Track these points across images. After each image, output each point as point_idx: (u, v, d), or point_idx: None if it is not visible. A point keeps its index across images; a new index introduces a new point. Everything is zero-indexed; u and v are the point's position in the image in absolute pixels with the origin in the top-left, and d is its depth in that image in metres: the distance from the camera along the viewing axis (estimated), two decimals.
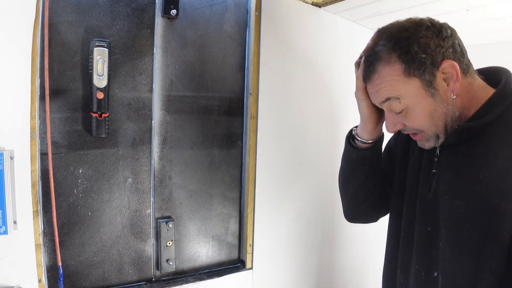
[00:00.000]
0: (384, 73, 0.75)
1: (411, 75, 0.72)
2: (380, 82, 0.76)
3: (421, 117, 0.76)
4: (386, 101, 0.77)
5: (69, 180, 1.11)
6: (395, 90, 0.74)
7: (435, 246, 0.80)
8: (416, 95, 0.74)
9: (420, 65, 0.71)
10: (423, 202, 0.85)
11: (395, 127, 0.81)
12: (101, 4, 1.12)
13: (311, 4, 1.50)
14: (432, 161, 0.84)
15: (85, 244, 1.14)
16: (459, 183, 0.76)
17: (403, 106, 0.75)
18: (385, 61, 0.74)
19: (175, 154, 1.29)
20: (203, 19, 1.30)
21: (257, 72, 1.39)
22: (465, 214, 0.73)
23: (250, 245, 1.44)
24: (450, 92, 0.74)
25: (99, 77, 1.08)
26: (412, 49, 0.71)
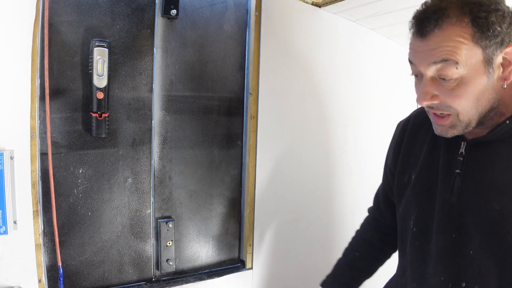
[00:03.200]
0: (450, 31, 0.65)
1: (478, 44, 0.65)
2: (442, 40, 0.65)
3: (470, 94, 0.67)
4: (440, 63, 0.66)
5: (69, 180, 1.11)
6: (457, 53, 0.65)
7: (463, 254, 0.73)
8: (474, 68, 0.66)
9: (491, 37, 0.64)
10: (445, 206, 0.77)
11: (431, 98, 0.70)
12: (101, 4, 1.12)
13: (311, 4, 1.50)
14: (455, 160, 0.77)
15: (85, 244, 1.14)
16: (497, 185, 0.69)
17: (457, 74, 0.66)
18: (455, 18, 0.64)
19: (175, 154, 1.29)
20: (203, 19, 1.30)
21: (257, 72, 1.39)
22: (508, 220, 0.67)
23: (250, 245, 1.44)
24: (503, 80, 0.68)
25: (99, 77, 1.08)
26: (489, 18, 0.63)
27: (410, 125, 0.93)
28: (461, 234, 0.74)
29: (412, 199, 0.86)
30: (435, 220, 0.79)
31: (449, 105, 0.69)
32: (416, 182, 0.86)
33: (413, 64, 0.71)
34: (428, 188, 0.82)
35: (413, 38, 0.70)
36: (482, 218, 0.71)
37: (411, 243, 0.85)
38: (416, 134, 0.91)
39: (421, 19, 0.68)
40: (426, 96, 0.70)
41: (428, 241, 0.80)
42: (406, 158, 0.91)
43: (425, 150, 0.85)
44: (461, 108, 0.69)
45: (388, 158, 0.99)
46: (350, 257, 1.06)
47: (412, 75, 0.74)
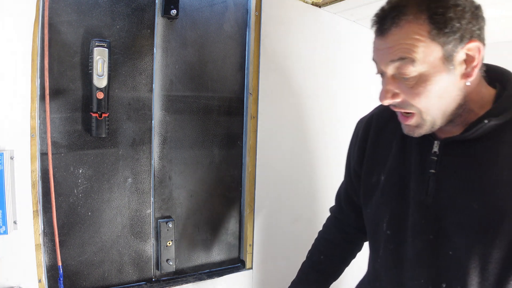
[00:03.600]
0: (407, 29, 0.64)
1: (436, 41, 0.63)
2: (399, 38, 0.65)
3: (429, 92, 0.66)
4: (397, 61, 0.66)
5: (69, 180, 1.11)
6: (414, 51, 0.64)
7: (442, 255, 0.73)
8: (433, 66, 0.65)
9: (449, 33, 0.63)
10: (421, 207, 0.75)
11: (392, 97, 0.69)
12: (101, 4, 1.12)
13: (311, 4, 1.50)
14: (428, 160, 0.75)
15: (85, 244, 1.14)
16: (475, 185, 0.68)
17: (415, 72, 0.65)
18: (412, 16, 0.64)
19: (175, 154, 1.29)
20: (203, 19, 1.30)
21: (257, 72, 1.39)
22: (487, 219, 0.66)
23: (250, 245, 1.44)
24: (466, 76, 0.67)
25: (99, 77, 1.08)
26: (447, 14, 0.62)
27: (374, 122, 0.90)
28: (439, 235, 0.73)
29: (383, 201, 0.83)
30: (410, 222, 0.77)
31: (411, 103, 0.68)
32: (386, 184, 0.83)
33: (375, 61, 0.72)
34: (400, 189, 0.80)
35: (375, 37, 0.70)
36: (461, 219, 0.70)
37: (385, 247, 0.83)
38: (382, 132, 0.88)
39: (380, 18, 0.68)
40: (387, 94, 0.69)
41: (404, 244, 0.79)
42: (373, 158, 0.88)
43: (394, 150, 0.83)
44: (423, 106, 0.68)
45: (352, 158, 0.96)
46: (315, 260, 1.04)
47: (377, 74, 0.73)
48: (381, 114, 0.90)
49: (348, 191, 1.00)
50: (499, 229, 0.66)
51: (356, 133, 0.97)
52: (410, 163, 0.79)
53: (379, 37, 0.68)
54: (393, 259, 0.81)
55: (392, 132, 0.85)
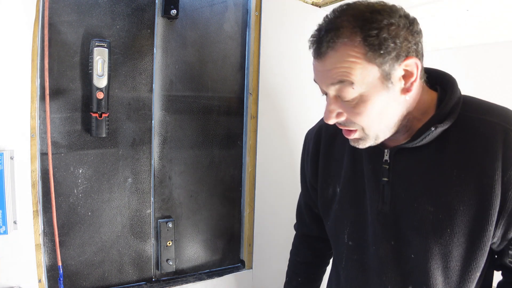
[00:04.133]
0: (343, 51, 0.64)
1: (372, 62, 0.64)
2: (336, 61, 0.65)
3: (370, 111, 0.68)
4: (337, 84, 0.66)
5: (69, 180, 1.11)
6: (352, 73, 0.64)
7: (404, 259, 0.75)
8: (372, 86, 0.66)
9: (384, 54, 0.63)
10: (379, 216, 0.77)
11: (336, 116, 0.71)
12: (101, 4, 1.12)
13: (311, 4, 1.50)
14: (380, 168, 0.77)
15: (85, 244, 1.14)
16: (428, 188, 0.71)
17: (355, 94, 0.66)
18: (347, 38, 0.63)
19: (175, 154, 1.29)
20: (203, 19, 1.30)
21: (257, 72, 1.39)
22: (443, 219, 0.69)
23: (250, 245, 1.44)
24: (405, 91, 0.68)
25: (99, 77, 1.08)
26: (381, 35, 0.62)
27: (323, 135, 0.91)
28: (399, 241, 0.75)
29: (342, 213, 0.85)
30: (370, 231, 0.79)
31: (353, 121, 0.70)
32: (342, 195, 0.84)
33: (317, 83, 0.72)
34: (357, 199, 0.81)
35: (313, 59, 0.70)
36: (418, 222, 0.72)
37: (348, 257, 0.84)
38: (332, 144, 0.89)
39: (317, 40, 0.68)
40: (331, 114, 0.70)
41: (366, 253, 0.80)
42: (326, 170, 0.89)
43: (346, 161, 0.84)
44: (365, 124, 0.69)
45: (306, 172, 0.97)
46: (294, 284, 1.06)
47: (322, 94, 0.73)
48: (329, 126, 0.90)
49: (308, 204, 1.02)
50: (454, 228, 0.69)
51: (306, 147, 0.98)
52: (362, 173, 0.81)
53: (317, 59, 0.68)
54: (358, 269, 0.82)
55: (343, 143, 0.86)
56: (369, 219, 0.79)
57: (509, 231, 0.70)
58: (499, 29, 1.54)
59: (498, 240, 0.71)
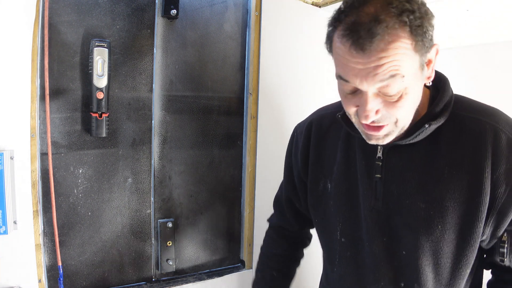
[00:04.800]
0: (394, 44, 0.58)
1: (417, 52, 0.61)
2: (387, 55, 0.59)
3: (410, 103, 0.65)
4: (387, 80, 0.61)
5: (69, 180, 1.11)
6: (403, 66, 0.60)
7: (396, 255, 0.75)
8: (414, 76, 0.63)
9: (426, 43, 0.61)
10: (373, 213, 0.76)
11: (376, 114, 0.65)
12: (101, 4, 1.12)
13: (311, 4, 1.50)
14: (373, 165, 0.76)
15: (85, 244, 1.14)
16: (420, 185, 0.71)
17: (403, 87, 0.62)
18: (396, 29, 0.58)
19: (175, 154, 1.29)
20: (203, 19, 1.30)
21: (257, 72, 1.39)
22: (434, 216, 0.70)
23: (250, 245, 1.44)
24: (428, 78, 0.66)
25: (99, 77, 1.08)
26: (424, 24, 0.60)
27: (314, 129, 0.89)
28: (392, 237, 0.75)
29: (335, 210, 0.83)
30: (364, 227, 0.78)
31: (390, 114, 0.65)
32: (335, 191, 0.83)
33: (349, 82, 0.64)
34: (350, 196, 0.81)
35: (347, 52, 0.61)
36: (410, 219, 0.72)
37: (341, 254, 0.84)
38: (323, 139, 0.87)
39: (356, 30, 0.59)
40: (372, 113, 0.64)
41: (360, 249, 0.80)
42: (317, 166, 0.88)
43: (339, 157, 0.83)
44: (402, 116, 0.66)
45: (295, 166, 0.95)
46: (268, 279, 1.02)
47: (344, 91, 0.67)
48: (321, 120, 0.89)
49: (290, 198, 1.00)
50: (445, 224, 0.69)
51: (295, 141, 0.96)
52: (356, 169, 0.80)
53: (360, 53, 0.60)
54: (351, 266, 0.82)
55: (335, 139, 0.85)
56: (362, 215, 0.79)
57: (498, 229, 0.70)
58: (499, 29, 1.54)
59: (487, 238, 0.72)
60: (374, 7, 0.59)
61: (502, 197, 0.67)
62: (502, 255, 0.71)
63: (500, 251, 0.71)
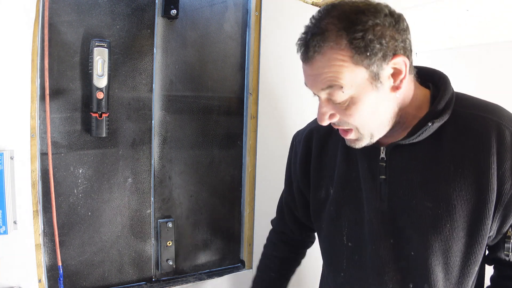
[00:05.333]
0: (330, 56, 0.63)
1: (359, 64, 0.63)
2: (324, 66, 0.65)
3: (362, 112, 0.68)
4: (327, 89, 0.67)
5: (69, 180, 1.11)
6: (340, 77, 0.64)
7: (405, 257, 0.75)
8: (361, 87, 0.65)
9: (371, 55, 0.63)
10: (378, 214, 0.76)
11: (329, 117, 0.71)
12: (101, 4, 1.12)
13: (311, 4, 1.50)
14: (377, 166, 0.76)
15: (85, 244, 1.14)
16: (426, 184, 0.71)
17: (345, 96, 0.66)
18: (333, 42, 0.63)
19: (175, 154, 1.29)
20: (203, 19, 1.30)
21: (257, 72, 1.39)
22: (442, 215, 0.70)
23: (250, 245, 1.44)
24: (395, 89, 0.69)
25: (99, 77, 1.08)
26: (366, 36, 0.62)
27: (315, 136, 0.90)
28: (399, 238, 0.75)
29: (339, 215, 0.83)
30: (369, 230, 0.78)
31: (346, 121, 0.70)
32: (337, 196, 0.83)
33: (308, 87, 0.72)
34: (353, 200, 0.81)
35: (302, 63, 0.71)
36: (417, 219, 0.72)
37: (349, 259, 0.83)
38: (324, 146, 0.88)
39: (303, 44, 0.68)
40: (324, 116, 0.71)
41: (366, 253, 0.79)
42: (319, 173, 0.89)
43: (339, 162, 0.83)
44: (358, 124, 0.70)
45: (294, 174, 0.96)
46: (266, 279, 1.06)
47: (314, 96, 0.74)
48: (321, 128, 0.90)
49: (289, 205, 1.02)
50: (454, 223, 0.69)
51: (295, 148, 0.97)
52: (357, 172, 0.80)
53: (305, 63, 0.69)
54: (359, 269, 0.82)
55: (335, 144, 0.86)
56: (367, 218, 0.78)
57: (504, 225, 0.71)
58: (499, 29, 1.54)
59: (493, 234, 0.72)
60: (325, 20, 0.64)
61: (508, 193, 0.68)
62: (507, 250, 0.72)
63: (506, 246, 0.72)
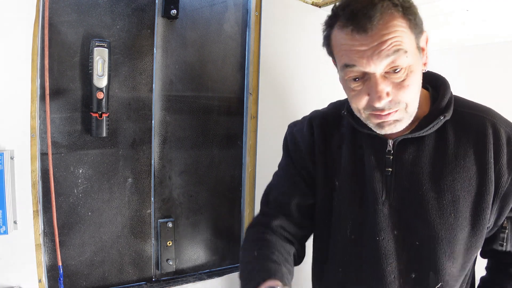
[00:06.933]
0: (392, 22, 0.64)
1: (412, 32, 0.67)
2: (389, 32, 0.64)
3: (415, 83, 0.69)
4: (392, 55, 0.64)
5: (69, 180, 1.11)
6: (404, 42, 0.65)
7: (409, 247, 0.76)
8: (415, 56, 0.68)
9: (417, 25, 0.68)
10: (384, 206, 0.77)
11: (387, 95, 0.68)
12: (101, 4, 1.12)
13: (311, 4, 1.50)
14: (383, 159, 0.77)
15: (85, 244, 1.14)
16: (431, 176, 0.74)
17: (409, 61, 0.66)
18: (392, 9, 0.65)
19: (175, 154, 1.29)
20: (203, 19, 1.30)
21: (257, 72, 1.39)
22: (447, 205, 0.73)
23: None
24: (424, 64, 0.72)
25: (99, 77, 1.08)
26: (413, 8, 0.67)
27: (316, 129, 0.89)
28: (403, 229, 0.77)
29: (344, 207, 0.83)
30: (374, 222, 0.78)
31: (399, 99, 0.68)
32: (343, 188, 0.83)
33: (355, 65, 0.67)
34: (358, 192, 0.81)
35: (350, 38, 0.66)
36: (423, 209, 0.74)
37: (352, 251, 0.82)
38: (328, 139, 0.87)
39: (355, 16, 0.65)
40: (383, 93, 0.67)
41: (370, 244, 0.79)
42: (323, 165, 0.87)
43: (344, 154, 0.83)
44: (410, 98, 0.70)
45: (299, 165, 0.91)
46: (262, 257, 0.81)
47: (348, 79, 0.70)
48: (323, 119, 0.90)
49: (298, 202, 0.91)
50: (458, 213, 0.73)
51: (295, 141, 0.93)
52: (363, 165, 0.81)
53: (362, 34, 0.65)
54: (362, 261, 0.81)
55: (340, 138, 0.86)
56: (372, 210, 0.79)
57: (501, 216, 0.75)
58: (499, 29, 1.54)
59: (491, 225, 0.76)
60: None
61: (505, 186, 0.73)
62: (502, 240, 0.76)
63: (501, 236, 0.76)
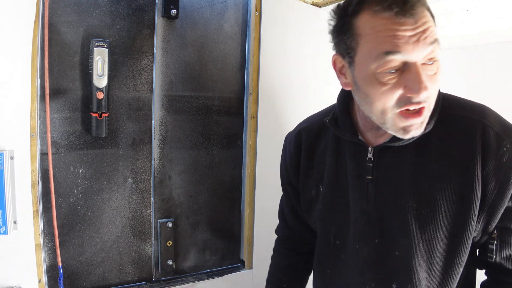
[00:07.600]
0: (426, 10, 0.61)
1: None
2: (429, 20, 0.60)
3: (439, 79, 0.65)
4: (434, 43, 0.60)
5: (69, 180, 1.11)
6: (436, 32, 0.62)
7: (389, 256, 0.74)
8: None
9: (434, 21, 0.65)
10: (363, 214, 0.76)
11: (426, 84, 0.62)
12: (101, 4, 1.12)
13: (311, 4, 1.50)
14: (364, 167, 0.76)
15: (85, 244, 1.14)
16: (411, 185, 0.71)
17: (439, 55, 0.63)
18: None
19: (175, 154, 1.29)
20: (203, 19, 1.30)
21: (257, 72, 1.39)
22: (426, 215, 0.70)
23: (250, 245, 1.44)
24: None
25: (99, 77, 1.08)
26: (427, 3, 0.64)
27: (304, 137, 0.90)
28: (383, 238, 0.75)
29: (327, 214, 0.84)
30: (355, 229, 0.78)
31: (431, 93, 0.64)
32: (326, 195, 0.84)
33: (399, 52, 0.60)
34: (341, 198, 0.81)
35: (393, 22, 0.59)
36: (402, 219, 0.72)
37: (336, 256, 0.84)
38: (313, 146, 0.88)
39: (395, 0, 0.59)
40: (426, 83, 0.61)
41: (351, 251, 0.80)
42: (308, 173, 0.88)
43: (329, 161, 0.83)
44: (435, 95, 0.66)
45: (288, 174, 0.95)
46: None
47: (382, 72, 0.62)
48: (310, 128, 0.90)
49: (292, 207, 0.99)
50: (438, 223, 0.70)
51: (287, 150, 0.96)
52: (346, 172, 0.80)
53: (409, 18, 0.58)
54: (345, 268, 0.82)
55: (325, 145, 0.86)
56: (353, 217, 0.79)
57: (489, 225, 0.70)
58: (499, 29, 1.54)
59: (478, 235, 0.71)
60: None
61: (493, 193, 0.68)
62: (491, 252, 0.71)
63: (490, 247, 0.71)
